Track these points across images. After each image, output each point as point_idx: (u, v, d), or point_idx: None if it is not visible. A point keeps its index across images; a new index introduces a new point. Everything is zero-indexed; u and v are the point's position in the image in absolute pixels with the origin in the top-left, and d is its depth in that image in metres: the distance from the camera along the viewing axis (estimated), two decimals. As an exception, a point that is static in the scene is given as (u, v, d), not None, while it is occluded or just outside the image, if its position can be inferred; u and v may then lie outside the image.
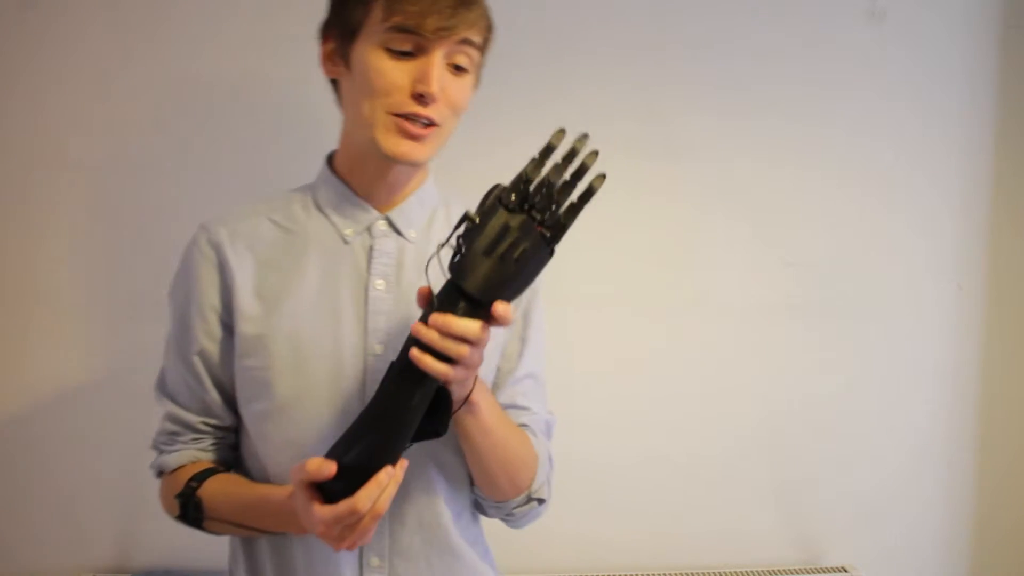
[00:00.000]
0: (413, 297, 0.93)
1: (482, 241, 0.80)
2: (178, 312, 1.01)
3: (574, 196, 0.82)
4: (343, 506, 0.83)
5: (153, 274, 1.26)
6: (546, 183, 0.81)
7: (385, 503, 0.84)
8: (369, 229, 0.99)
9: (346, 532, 0.84)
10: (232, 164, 1.49)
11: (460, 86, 0.94)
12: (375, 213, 1.00)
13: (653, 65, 1.57)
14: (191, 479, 0.97)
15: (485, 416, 0.93)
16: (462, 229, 0.81)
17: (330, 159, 1.04)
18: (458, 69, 0.93)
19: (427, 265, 0.86)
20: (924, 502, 1.70)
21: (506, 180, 0.82)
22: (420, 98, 0.90)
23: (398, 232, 1.00)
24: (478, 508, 1.06)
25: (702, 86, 1.58)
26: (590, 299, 1.56)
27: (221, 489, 0.97)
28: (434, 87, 0.89)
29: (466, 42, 0.92)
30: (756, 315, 1.63)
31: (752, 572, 1.63)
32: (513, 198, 0.80)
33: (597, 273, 1.58)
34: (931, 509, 1.71)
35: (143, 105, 1.49)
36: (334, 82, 1.00)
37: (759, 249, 1.62)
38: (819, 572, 1.63)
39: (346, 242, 0.99)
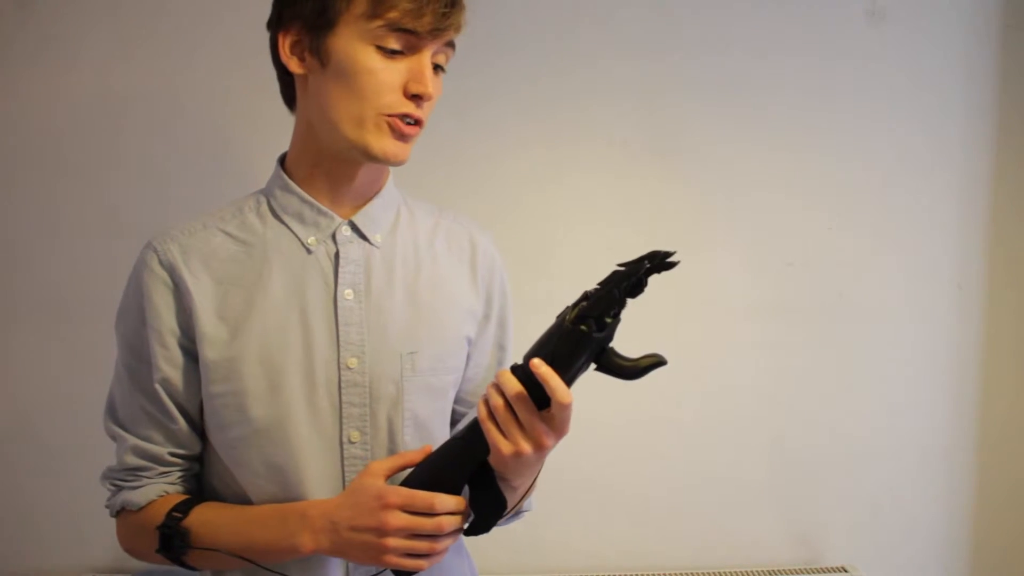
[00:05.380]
0: (383, 305, 0.94)
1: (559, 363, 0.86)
2: (131, 339, 0.94)
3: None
4: (421, 494, 0.84)
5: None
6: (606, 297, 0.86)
7: (452, 523, 0.85)
8: (333, 236, 0.94)
9: (411, 543, 0.85)
10: (232, 165, 1.49)
11: (439, 86, 0.92)
12: (338, 219, 0.94)
13: (652, 65, 1.57)
14: (173, 509, 0.91)
15: None
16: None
17: (283, 161, 0.98)
18: (437, 68, 0.91)
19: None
20: (924, 502, 1.70)
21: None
22: (416, 98, 0.88)
23: (363, 237, 0.95)
24: None
25: (702, 86, 1.58)
26: (590, 299, 1.56)
27: (215, 515, 0.92)
28: (430, 88, 0.87)
29: (450, 44, 0.91)
30: (756, 315, 1.63)
31: (752, 572, 1.63)
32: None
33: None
34: (931, 509, 1.71)
35: (143, 105, 1.49)
36: (286, 76, 0.94)
37: (759, 249, 1.62)
38: (819, 572, 1.63)
39: (309, 251, 0.94)
